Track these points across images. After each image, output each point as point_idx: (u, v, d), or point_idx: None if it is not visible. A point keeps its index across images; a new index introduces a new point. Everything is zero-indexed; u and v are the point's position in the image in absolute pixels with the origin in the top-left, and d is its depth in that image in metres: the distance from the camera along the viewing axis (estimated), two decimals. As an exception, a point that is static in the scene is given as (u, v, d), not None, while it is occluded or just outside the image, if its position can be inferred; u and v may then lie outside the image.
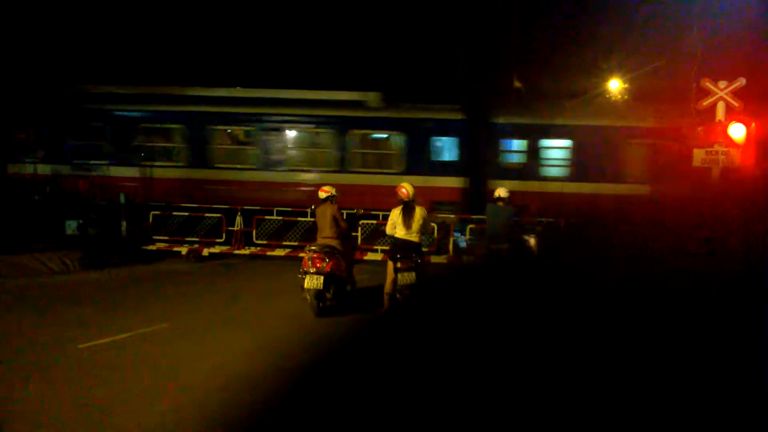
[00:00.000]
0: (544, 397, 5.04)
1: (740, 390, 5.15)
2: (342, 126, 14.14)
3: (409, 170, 13.77)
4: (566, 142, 14.07)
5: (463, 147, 14.03)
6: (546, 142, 14.21)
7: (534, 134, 14.11)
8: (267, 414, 4.79)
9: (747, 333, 6.23)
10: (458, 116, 14.12)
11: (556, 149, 14.21)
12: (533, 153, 14.14)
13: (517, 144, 14.46)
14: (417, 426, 4.57)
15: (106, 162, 14.31)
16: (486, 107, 14.48)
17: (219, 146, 14.49)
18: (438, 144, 14.30)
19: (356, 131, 14.26)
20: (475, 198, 13.60)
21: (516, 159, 14.40)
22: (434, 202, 13.19)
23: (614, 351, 6.15)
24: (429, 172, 13.75)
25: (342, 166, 14.06)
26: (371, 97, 14.32)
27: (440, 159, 14.24)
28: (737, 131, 10.28)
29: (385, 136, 14.52)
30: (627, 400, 4.98)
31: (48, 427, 4.35)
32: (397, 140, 14.16)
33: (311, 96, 14.44)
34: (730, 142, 10.35)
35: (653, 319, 7.12)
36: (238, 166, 14.27)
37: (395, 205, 8.13)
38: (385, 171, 13.98)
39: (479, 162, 13.99)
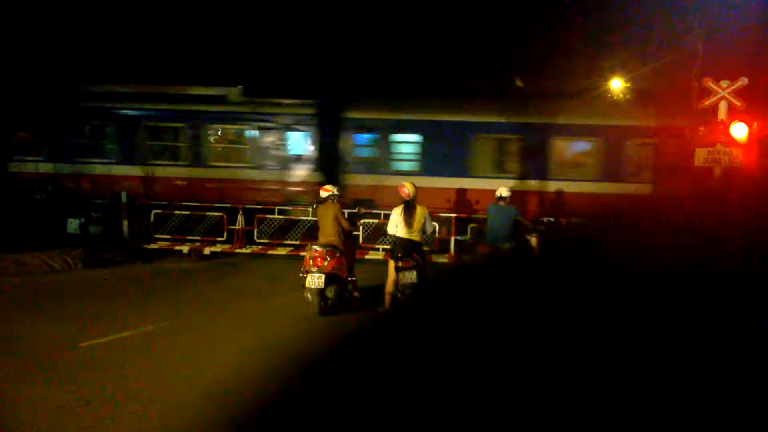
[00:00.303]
0: (545, 397, 5.05)
1: (740, 389, 5.16)
2: (200, 120, 14.41)
3: (265, 164, 14.27)
4: (416, 137, 14.25)
5: (317, 141, 14.34)
6: (397, 137, 14.39)
7: (386, 129, 14.31)
8: (268, 413, 4.80)
9: (747, 333, 6.23)
10: (313, 111, 14.35)
11: (407, 144, 14.42)
12: (385, 147, 14.36)
13: (370, 138, 14.65)
14: (418, 426, 4.57)
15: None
16: (340, 102, 14.65)
17: (80, 141, 14.64)
18: (293, 138, 14.54)
19: (215, 126, 14.57)
20: None
21: (369, 153, 14.61)
22: (289, 195, 13.81)
23: (615, 350, 6.15)
24: (284, 166, 14.23)
25: (200, 161, 14.36)
26: (232, 92, 14.55)
27: (295, 153, 14.51)
28: (739, 131, 10.27)
29: (242, 130, 14.71)
30: (628, 399, 4.98)
31: (48, 427, 4.35)
32: (254, 134, 14.46)
33: (171, 91, 14.68)
34: (731, 141, 10.34)
35: (654, 319, 7.12)
36: (97, 161, 14.44)
37: (251, 199, 8.16)
38: (241, 165, 14.34)
39: (333, 156, 14.29)
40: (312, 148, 14.34)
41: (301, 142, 14.50)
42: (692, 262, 8.50)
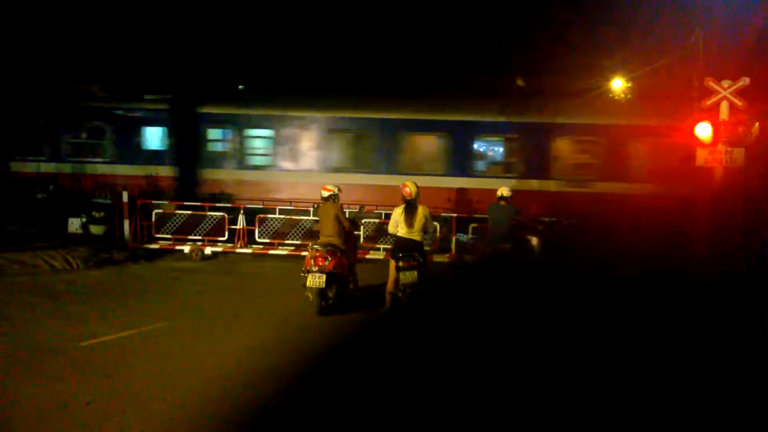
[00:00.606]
0: (545, 397, 5.05)
1: (740, 389, 5.15)
2: (63, 117, 14.72)
3: (121, 159, 14.66)
4: (269, 132, 14.51)
5: (172, 136, 14.66)
6: (251, 132, 14.68)
7: (239, 124, 14.57)
8: (268, 412, 4.81)
9: (747, 333, 6.22)
10: (166, 106, 14.64)
11: (260, 139, 14.71)
12: (238, 142, 14.63)
13: (225, 133, 14.87)
14: (418, 426, 4.57)
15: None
16: (195, 97, 14.87)
17: None
18: (148, 133, 14.85)
19: (77, 121, 14.89)
20: (185, 186, 14.34)
21: (224, 148, 14.84)
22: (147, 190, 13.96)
23: (615, 351, 6.15)
24: (140, 161, 14.55)
25: (59, 156, 14.70)
26: (95, 88, 14.89)
27: (150, 148, 14.85)
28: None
29: (99, 125, 14.93)
30: (628, 399, 4.98)
31: (49, 427, 4.36)
32: (110, 130, 14.76)
33: (36, 86, 15.00)
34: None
35: (654, 319, 7.12)
36: None
37: (108, 193, 8.29)
38: (97, 160, 14.71)
39: (188, 151, 14.57)
40: (169, 142, 14.69)
41: (159, 137, 14.84)
42: (691, 263, 8.50)
